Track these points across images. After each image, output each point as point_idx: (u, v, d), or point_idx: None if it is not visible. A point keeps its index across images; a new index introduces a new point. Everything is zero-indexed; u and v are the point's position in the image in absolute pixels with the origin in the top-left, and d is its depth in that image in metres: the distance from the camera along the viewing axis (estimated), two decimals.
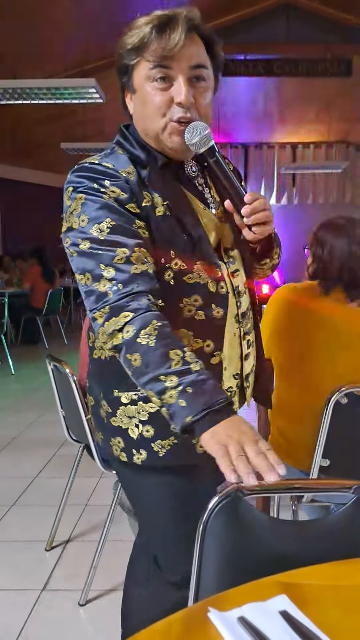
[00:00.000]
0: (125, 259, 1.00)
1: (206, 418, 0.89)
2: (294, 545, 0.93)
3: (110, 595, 1.95)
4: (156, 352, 0.94)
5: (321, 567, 0.73)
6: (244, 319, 1.18)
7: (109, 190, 1.04)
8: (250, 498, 0.92)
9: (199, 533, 0.92)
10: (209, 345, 1.12)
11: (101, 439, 1.22)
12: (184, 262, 1.08)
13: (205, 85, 1.08)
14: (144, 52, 1.05)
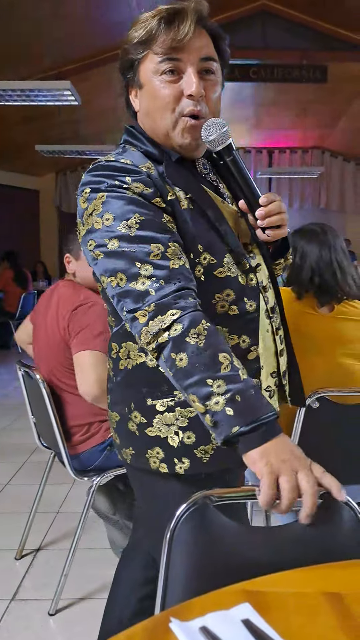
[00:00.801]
0: (161, 254, 0.95)
1: (255, 433, 0.84)
2: (262, 551, 0.92)
3: (81, 605, 1.92)
4: (205, 352, 0.89)
5: (285, 574, 0.71)
6: (274, 314, 1.14)
7: (132, 186, 0.99)
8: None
9: (166, 541, 0.90)
10: (245, 340, 1.07)
11: (131, 455, 1.12)
12: (213, 257, 1.03)
13: (215, 79, 1.05)
14: (152, 45, 1.02)
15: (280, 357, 1.15)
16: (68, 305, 1.95)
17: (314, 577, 0.70)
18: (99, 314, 1.92)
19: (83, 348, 1.88)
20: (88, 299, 1.95)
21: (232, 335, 1.06)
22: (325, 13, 6.97)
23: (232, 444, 0.87)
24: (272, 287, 1.15)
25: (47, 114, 7.53)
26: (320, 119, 9.58)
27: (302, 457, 0.84)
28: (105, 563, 2.15)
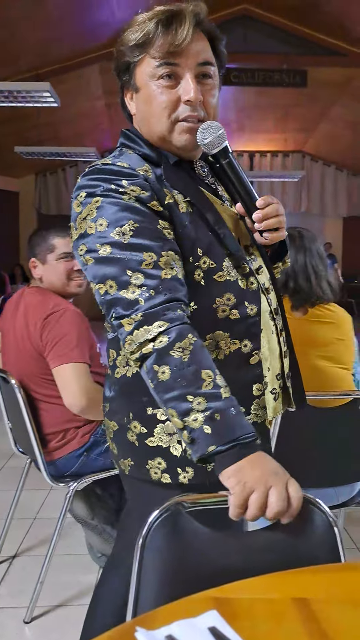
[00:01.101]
0: (153, 263, 0.93)
1: (231, 451, 0.84)
2: (235, 558, 0.92)
3: (57, 612, 1.90)
4: (189, 368, 0.88)
5: (254, 580, 0.71)
6: (277, 315, 1.13)
7: (128, 189, 0.97)
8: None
9: (138, 548, 0.89)
10: (247, 345, 1.05)
11: (130, 466, 1.10)
12: (213, 260, 1.02)
13: (213, 83, 1.04)
14: (149, 48, 1.00)
15: (285, 358, 1.14)
16: (38, 314, 1.88)
17: (282, 582, 0.70)
18: (72, 321, 1.87)
19: (63, 361, 1.83)
20: (58, 306, 1.90)
21: (234, 340, 1.04)
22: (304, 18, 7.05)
23: (208, 462, 0.87)
24: (274, 289, 1.14)
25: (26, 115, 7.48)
26: (300, 123, 9.67)
27: (279, 473, 0.84)
28: (81, 569, 2.13)
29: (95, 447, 1.97)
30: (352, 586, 0.67)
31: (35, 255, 2.00)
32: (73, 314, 1.90)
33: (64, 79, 7.10)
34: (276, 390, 1.12)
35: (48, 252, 1.98)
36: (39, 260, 2.00)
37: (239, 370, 1.04)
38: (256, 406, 1.07)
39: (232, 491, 0.83)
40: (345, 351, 1.82)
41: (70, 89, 7.43)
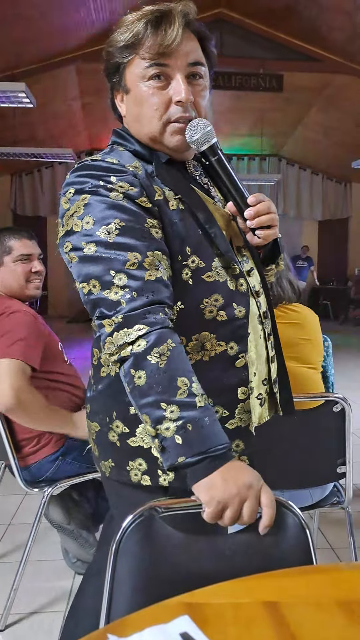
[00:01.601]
0: (137, 264, 0.92)
1: (201, 464, 0.84)
2: (208, 562, 0.92)
3: (31, 619, 1.87)
4: (164, 375, 0.86)
5: (225, 584, 0.72)
6: (266, 320, 1.11)
7: (116, 186, 0.96)
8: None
9: (111, 554, 0.89)
10: (233, 347, 1.03)
11: (111, 467, 1.08)
12: (202, 260, 1.00)
13: (204, 84, 1.03)
14: (138, 49, 0.99)
15: (272, 364, 1.13)
16: None
17: (253, 586, 0.71)
18: (19, 321, 1.83)
19: (9, 355, 1.77)
20: (9, 308, 1.86)
21: (220, 342, 1.02)
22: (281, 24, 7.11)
23: (178, 471, 0.87)
24: (264, 292, 1.12)
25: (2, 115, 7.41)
26: (277, 128, 9.76)
27: (252, 484, 0.84)
28: (57, 575, 2.11)
29: (70, 451, 1.95)
30: (319, 589, 0.68)
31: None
32: (23, 315, 1.85)
33: (40, 80, 7.06)
34: (262, 395, 1.10)
35: (5, 254, 1.94)
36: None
37: (225, 373, 1.03)
38: (240, 410, 1.05)
39: (205, 506, 0.84)
40: (312, 351, 1.83)
41: (47, 90, 7.38)
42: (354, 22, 6.57)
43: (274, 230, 1.03)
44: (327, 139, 9.82)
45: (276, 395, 1.15)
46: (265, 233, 1.02)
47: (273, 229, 1.03)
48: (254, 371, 1.07)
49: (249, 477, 0.85)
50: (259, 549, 0.90)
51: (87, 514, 2.08)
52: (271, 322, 1.14)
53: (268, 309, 1.13)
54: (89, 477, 1.99)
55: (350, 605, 0.65)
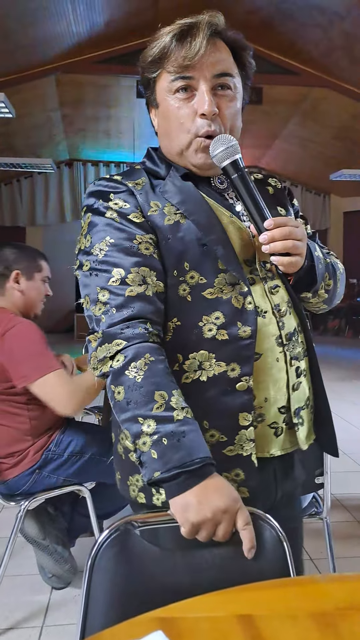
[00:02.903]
0: (120, 280, 0.93)
1: (175, 480, 0.82)
2: (184, 576, 0.91)
3: (7, 635, 1.84)
4: (141, 389, 0.86)
5: (200, 598, 0.71)
6: (290, 342, 1.02)
7: (112, 203, 0.99)
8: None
9: (87, 569, 0.88)
10: (234, 369, 0.96)
11: (119, 480, 1.08)
12: (202, 276, 0.98)
13: (232, 95, 1.01)
14: (165, 63, 0.99)
15: (294, 391, 1.03)
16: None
17: (228, 600, 0.70)
18: (28, 330, 1.86)
19: (43, 373, 1.80)
20: (10, 321, 1.87)
21: (220, 362, 0.97)
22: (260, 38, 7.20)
23: (156, 487, 0.86)
24: (295, 313, 1.06)
25: None
26: (256, 140, 9.85)
27: (229, 508, 0.82)
28: (33, 590, 2.07)
29: (47, 464, 1.94)
30: (295, 601, 0.68)
31: (20, 269, 2.00)
32: (28, 324, 1.89)
33: (19, 90, 7.04)
34: (278, 424, 1.02)
35: (35, 271, 2.03)
36: (24, 275, 2.01)
37: (223, 396, 0.97)
38: (242, 437, 0.97)
39: (180, 524, 0.83)
40: None
41: (26, 100, 7.37)
42: (329, 37, 6.70)
43: (291, 259, 0.96)
44: (305, 152, 9.95)
45: (298, 427, 1.04)
46: (280, 261, 0.95)
47: (291, 258, 0.96)
48: (265, 396, 1.00)
49: (224, 501, 0.82)
50: (236, 562, 0.90)
51: (62, 529, 2.06)
52: (303, 346, 1.07)
53: (301, 332, 1.06)
54: (65, 490, 1.97)
55: (324, 617, 0.65)
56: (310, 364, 1.08)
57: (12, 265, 2.00)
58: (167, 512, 0.88)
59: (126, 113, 8.62)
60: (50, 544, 2.00)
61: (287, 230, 0.95)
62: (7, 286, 1.99)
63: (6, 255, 2.02)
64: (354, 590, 0.71)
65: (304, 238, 0.97)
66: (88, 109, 8.47)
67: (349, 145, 9.09)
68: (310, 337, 1.09)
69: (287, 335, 1.02)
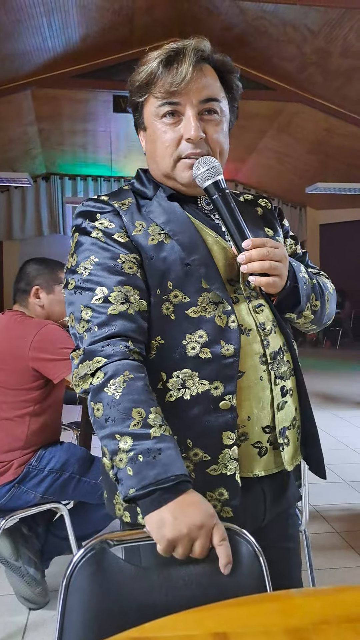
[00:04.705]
0: (103, 298, 0.94)
1: (149, 497, 0.81)
2: (161, 594, 0.90)
3: None
4: (119, 406, 0.86)
5: (175, 616, 0.70)
6: (275, 361, 1.02)
7: (97, 223, 1.01)
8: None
9: (62, 589, 0.86)
10: (218, 387, 0.96)
11: (105, 499, 1.08)
12: (186, 295, 0.99)
13: (218, 119, 1.03)
14: (152, 88, 1.01)
15: (280, 410, 1.02)
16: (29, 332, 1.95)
17: (203, 618, 0.69)
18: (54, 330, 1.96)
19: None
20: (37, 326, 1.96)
21: (203, 381, 0.97)
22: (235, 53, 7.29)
23: (133, 503, 0.85)
24: (281, 332, 1.05)
25: None
26: (232, 153, 9.87)
27: (205, 523, 0.81)
28: (10, 610, 2.03)
29: (27, 479, 1.91)
30: (269, 617, 0.68)
31: (40, 284, 2.07)
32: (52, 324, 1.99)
33: None
34: (262, 444, 1.01)
35: (55, 284, 2.09)
36: (44, 289, 2.07)
37: (207, 415, 0.97)
38: (225, 456, 0.97)
39: (156, 541, 0.82)
40: None
41: (1, 114, 7.36)
42: (303, 53, 6.83)
43: (268, 280, 0.95)
44: (281, 165, 10.09)
45: (283, 447, 1.03)
46: (258, 281, 0.96)
47: (269, 278, 0.95)
48: (248, 415, 0.99)
49: (200, 516, 0.81)
50: (212, 578, 0.89)
51: (36, 551, 2.03)
52: (289, 365, 1.06)
53: (287, 351, 1.06)
54: (42, 508, 1.95)
55: (299, 633, 0.64)
56: (297, 384, 1.08)
57: (32, 281, 2.08)
58: (143, 529, 0.87)
59: (103, 127, 8.66)
60: (23, 565, 1.96)
61: (265, 250, 0.95)
62: (29, 301, 2.09)
63: (27, 271, 2.10)
64: (329, 604, 0.70)
65: (283, 259, 0.97)
66: (65, 123, 8.49)
67: (323, 158, 9.25)
68: (296, 356, 1.08)
69: (271, 354, 1.02)
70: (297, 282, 1.02)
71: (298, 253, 1.20)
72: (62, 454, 1.98)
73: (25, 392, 1.92)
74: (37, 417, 1.94)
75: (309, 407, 1.09)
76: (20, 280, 2.10)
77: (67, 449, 2.02)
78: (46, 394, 1.97)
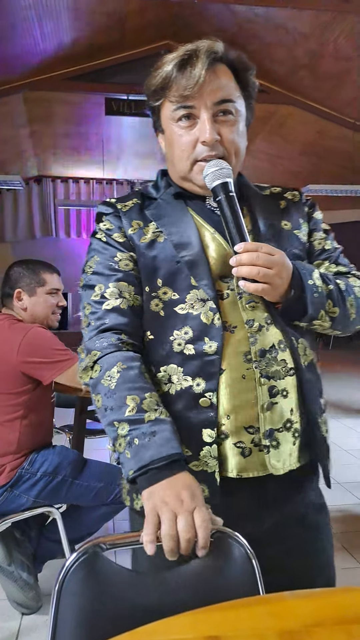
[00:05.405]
0: (100, 295, 1.01)
1: (144, 476, 0.86)
2: (154, 597, 0.90)
3: None
4: (114, 395, 0.91)
5: (167, 620, 0.70)
6: (263, 359, 0.99)
7: (102, 224, 1.08)
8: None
9: (55, 593, 0.86)
10: (199, 384, 0.97)
11: (118, 485, 1.15)
12: (175, 292, 1.01)
13: (233, 119, 1.03)
14: (167, 92, 1.02)
15: (266, 411, 0.98)
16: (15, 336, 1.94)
17: (196, 621, 0.69)
18: (41, 332, 1.97)
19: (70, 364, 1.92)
20: (24, 327, 1.96)
21: (186, 377, 0.98)
22: None
23: (135, 484, 0.88)
24: (278, 329, 1.01)
25: None
26: None
27: (187, 500, 0.82)
28: (3, 615, 2.02)
29: (19, 482, 1.91)
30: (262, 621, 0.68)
31: (22, 287, 2.07)
32: (38, 327, 2.00)
33: None
34: (244, 445, 0.98)
35: (37, 286, 2.10)
36: (26, 292, 2.08)
37: (188, 410, 0.97)
38: (206, 454, 0.97)
39: (146, 515, 0.83)
40: None
41: None
42: (294, 56, 6.86)
43: (257, 286, 0.94)
44: (274, 167, 10.11)
45: (268, 449, 0.98)
46: (246, 287, 0.95)
47: (257, 285, 0.94)
48: (227, 414, 0.97)
49: (184, 494, 0.83)
50: (205, 581, 0.89)
51: (28, 555, 2.02)
52: (285, 365, 1.00)
53: (285, 350, 1.01)
54: (34, 512, 1.94)
55: (291, 635, 0.65)
56: (299, 384, 1.02)
57: (14, 284, 2.09)
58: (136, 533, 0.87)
59: (95, 130, 8.65)
60: (16, 569, 1.95)
61: (255, 255, 0.93)
62: (14, 305, 2.10)
63: (11, 274, 2.11)
64: (321, 606, 0.71)
65: (276, 266, 0.94)
66: (57, 125, 8.47)
67: (315, 160, 9.28)
68: (297, 355, 1.02)
69: (258, 352, 0.99)
70: (304, 291, 0.98)
71: (328, 249, 1.15)
72: (54, 457, 1.97)
73: (15, 396, 1.91)
74: (27, 421, 1.94)
75: (316, 410, 1.04)
76: (5, 284, 2.12)
77: (60, 452, 2.01)
78: (36, 397, 1.96)
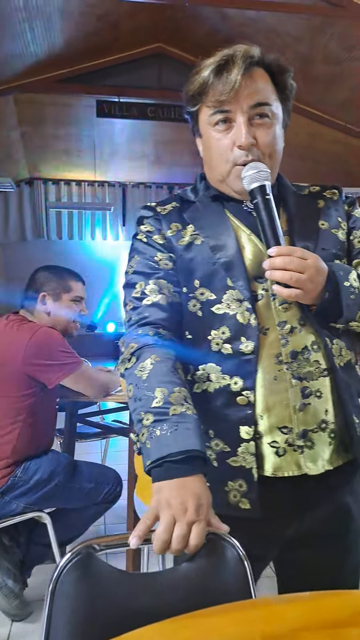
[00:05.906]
0: (140, 292, 1.06)
1: (162, 467, 0.86)
2: (147, 599, 0.90)
3: None
4: (145, 385, 0.94)
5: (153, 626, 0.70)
6: (295, 361, 1.00)
7: (142, 227, 1.13)
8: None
9: (48, 595, 0.86)
10: (237, 382, 1.01)
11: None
12: (212, 292, 1.04)
13: (269, 122, 1.05)
14: (204, 98, 1.04)
15: (299, 412, 1.00)
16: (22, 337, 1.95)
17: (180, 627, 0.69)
18: (50, 334, 1.99)
19: (77, 367, 1.97)
20: (31, 329, 1.97)
21: (224, 375, 1.02)
22: None
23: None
24: (312, 330, 1.02)
25: None
26: None
27: (191, 510, 0.82)
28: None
29: (11, 489, 1.89)
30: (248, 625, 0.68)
31: (47, 291, 2.10)
32: (48, 328, 2.02)
33: None
34: (279, 444, 1.00)
35: (63, 292, 2.13)
36: (51, 296, 2.10)
37: (227, 408, 1.02)
38: (244, 450, 1.00)
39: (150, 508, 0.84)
40: None
41: None
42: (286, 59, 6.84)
43: (290, 292, 0.93)
44: None
45: (303, 450, 1.00)
46: (278, 291, 0.94)
47: (290, 290, 0.93)
48: (261, 414, 1.00)
49: (190, 504, 0.82)
50: (198, 583, 0.89)
51: (16, 562, 2.00)
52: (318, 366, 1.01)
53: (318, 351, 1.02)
54: (25, 517, 1.92)
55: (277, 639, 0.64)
56: (335, 385, 1.03)
57: (40, 288, 2.11)
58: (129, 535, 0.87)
59: (87, 132, 8.63)
60: (1, 577, 1.94)
61: (288, 259, 0.93)
62: (36, 307, 2.11)
63: (37, 278, 2.14)
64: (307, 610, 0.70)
65: (309, 271, 0.93)
66: (48, 127, 8.45)
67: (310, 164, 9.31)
68: (331, 356, 1.03)
69: (289, 354, 1.01)
70: (339, 293, 0.98)
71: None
72: (47, 464, 1.96)
73: (18, 399, 1.89)
74: (28, 427, 1.93)
75: (353, 410, 1.04)
76: (30, 287, 2.12)
77: (52, 459, 2.00)
78: (40, 402, 1.94)
